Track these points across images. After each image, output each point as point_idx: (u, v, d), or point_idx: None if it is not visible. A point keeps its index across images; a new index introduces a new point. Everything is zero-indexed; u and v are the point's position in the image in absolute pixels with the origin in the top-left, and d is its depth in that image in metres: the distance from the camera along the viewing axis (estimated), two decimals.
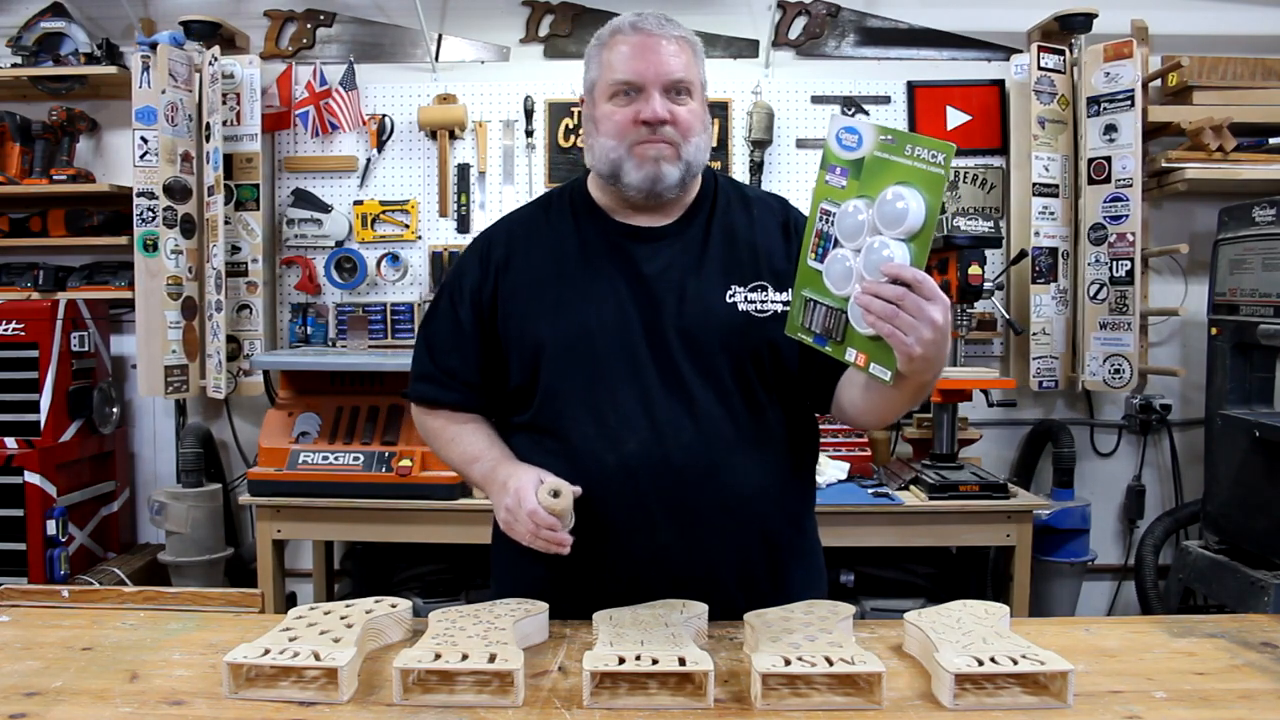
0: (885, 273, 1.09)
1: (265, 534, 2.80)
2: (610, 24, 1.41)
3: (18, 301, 3.22)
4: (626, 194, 1.39)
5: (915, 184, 1.08)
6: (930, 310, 1.08)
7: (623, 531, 1.35)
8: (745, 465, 1.37)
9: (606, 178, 1.40)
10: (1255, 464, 2.61)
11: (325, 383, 2.95)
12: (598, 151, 1.40)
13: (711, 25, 3.38)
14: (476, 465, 1.43)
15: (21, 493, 3.03)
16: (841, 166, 1.16)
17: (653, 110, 1.34)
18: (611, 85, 1.37)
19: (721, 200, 1.46)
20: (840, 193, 1.16)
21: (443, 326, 1.49)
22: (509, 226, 1.50)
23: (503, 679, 1.06)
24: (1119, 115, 3.08)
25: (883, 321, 1.09)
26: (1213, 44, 3.25)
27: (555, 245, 1.44)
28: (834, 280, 1.17)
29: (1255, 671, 1.14)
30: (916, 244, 1.09)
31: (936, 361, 1.13)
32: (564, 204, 1.48)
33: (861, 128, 1.14)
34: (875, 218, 1.11)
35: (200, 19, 3.21)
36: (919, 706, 1.04)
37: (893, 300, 1.09)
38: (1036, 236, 3.18)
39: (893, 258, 1.09)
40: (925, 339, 1.08)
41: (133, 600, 1.44)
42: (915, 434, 3.14)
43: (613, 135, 1.37)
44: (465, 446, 1.46)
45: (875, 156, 1.12)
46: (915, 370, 1.12)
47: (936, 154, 1.06)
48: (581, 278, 1.40)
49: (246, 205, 3.28)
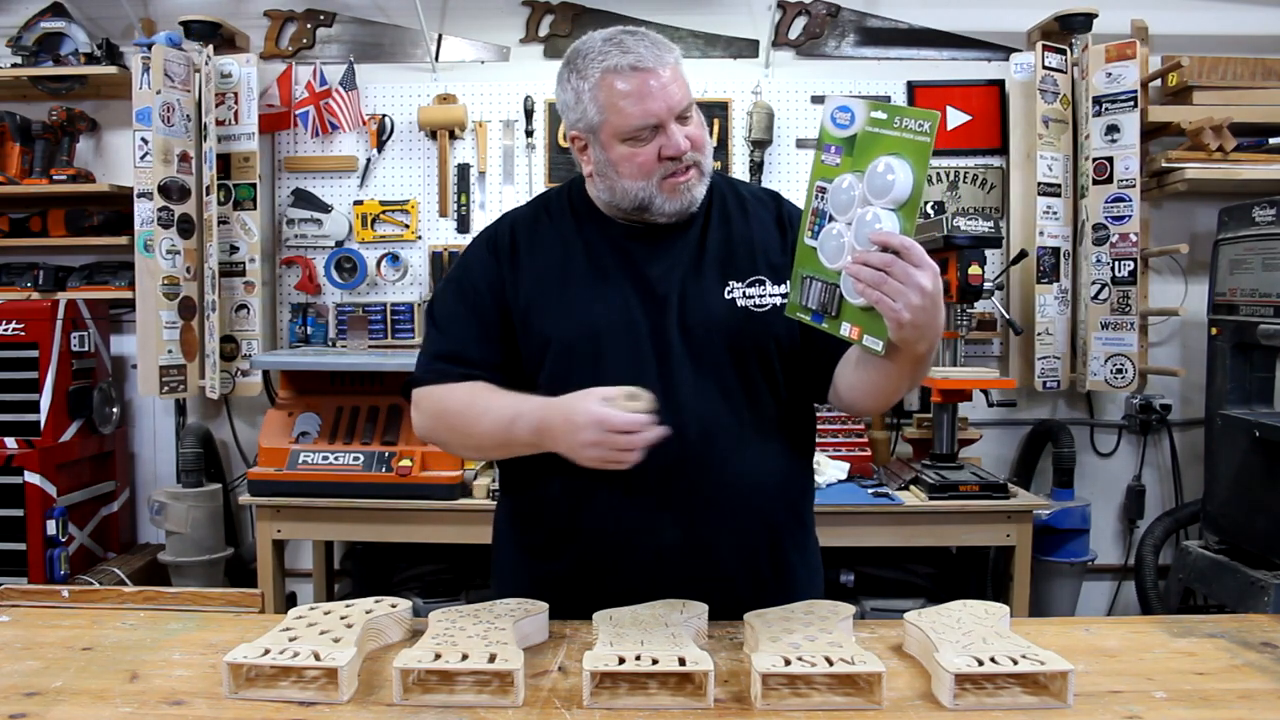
0: (874, 240, 1.12)
1: (265, 534, 2.80)
2: (595, 58, 1.33)
3: (18, 301, 3.22)
4: (656, 220, 1.39)
5: (903, 154, 1.11)
6: (918, 276, 1.10)
7: (629, 527, 1.36)
8: (749, 458, 1.38)
9: (629, 210, 1.39)
10: (1255, 464, 2.61)
11: (325, 383, 2.95)
12: (619, 192, 1.37)
13: (711, 25, 3.38)
14: (520, 419, 1.29)
15: (21, 493, 3.03)
16: (836, 145, 1.18)
17: (676, 146, 1.32)
18: (629, 131, 1.32)
19: (718, 200, 1.46)
20: (834, 170, 1.18)
21: (456, 318, 1.44)
22: (512, 223, 1.48)
23: (503, 679, 1.06)
24: (1121, 116, 3.08)
25: (871, 289, 1.12)
26: (1213, 44, 3.25)
27: (559, 245, 1.43)
28: (828, 255, 1.20)
29: (1255, 671, 1.14)
30: (904, 212, 1.12)
31: (928, 330, 1.14)
32: (564, 205, 1.48)
33: (854, 105, 1.17)
34: (865, 189, 1.14)
35: (200, 19, 3.21)
36: (919, 706, 1.04)
37: (881, 267, 1.11)
38: (1041, 236, 3.18)
39: (881, 226, 1.12)
40: (914, 304, 1.10)
41: (133, 600, 1.44)
42: (915, 434, 3.14)
43: (638, 176, 1.34)
44: (499, 411, 1.32)
45: (866, 132, 1.15)
46: (906, 339, 1.14)
47: (923, 123, 1.09)
48: (588, 279, 1.40)
49: (244, 205, 3.28)
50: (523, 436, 1.29)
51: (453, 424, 1.39)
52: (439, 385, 1.40)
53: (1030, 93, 3.18)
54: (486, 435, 1.35)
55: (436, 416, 1.41)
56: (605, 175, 1.38)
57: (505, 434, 1.31)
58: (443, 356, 1.42)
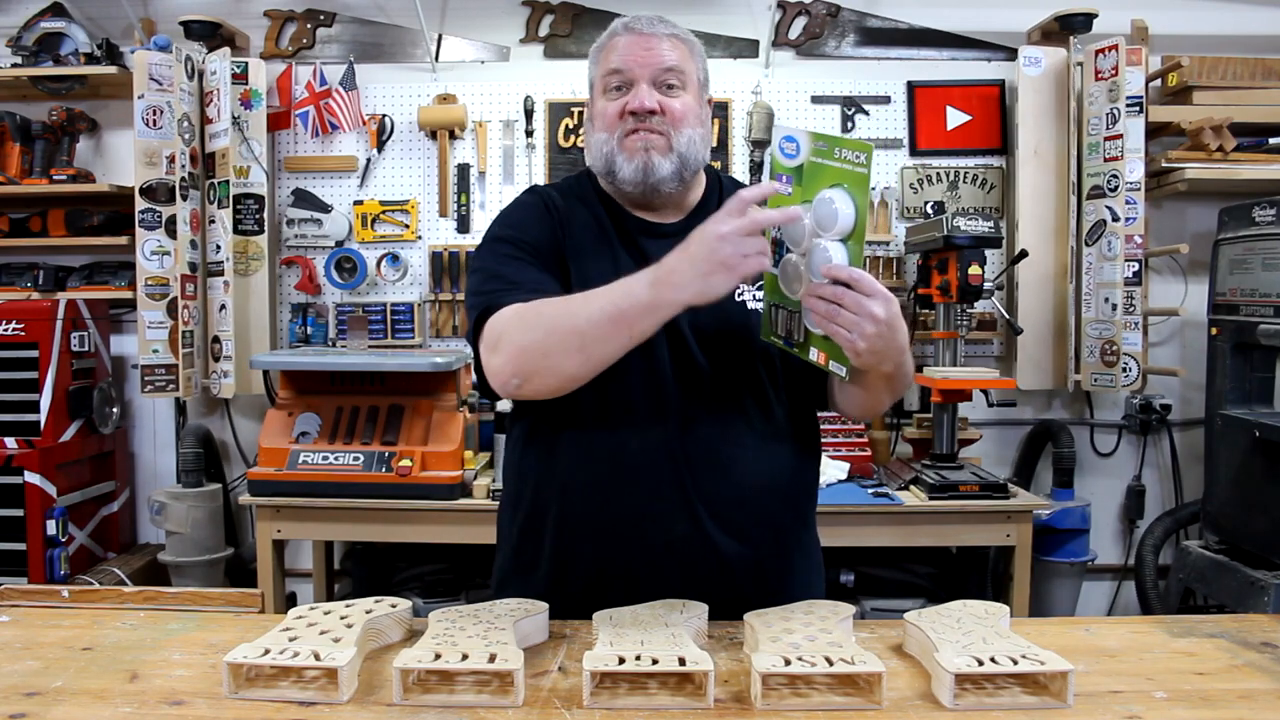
0: (824, 274, 1.13)
1: (265, 534, 2.80)
2: (609, 28, 1.43)
3: (18, 301, 3.22)
4: (624, 190, 1.40)
5: (845, 185, 1.12)
6: (870, 305, 1.11)
7: (637, 527, 1.36)
8: (758, 461, 1.38)
9: (604, 174, 1.41)
10: (1255, 464, 2.61)
11: (325, 383, 2.95)
12: (593, 147, 1.42)
13: (711, 25, 3.38)
14: (632, 281, 1.17)
15: (21, 493, 3.03)
16: (786, 175, 1.20)
17: (639, 100, 1.35)
18: (604, 78, 1.40)
19: (725, 199, 1.45)
20: (787, 200, 1.20)
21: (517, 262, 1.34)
22: (552, 190, 1.48)
23: (503, 679, 1.06)
24: (1127, 120, 3.07)
25: (826, 321, 1.14)
26: (1213, 44, 3.25)
27: (582, 222, 1.43)
28: (788, 284, 1.22)
29: (1255, 671, 1.14)
30: (852, 242, 1.13)
31: (888, 353, 1.16)
32: (574, 192, 1.48)
33: (799, 135, 1.19)
34: (813, 221, 1.16)
35: (200, 19, 3.21)
36: (919, 706, 1.04)
37: (833, 300, 1.13)
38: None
39: (831, 259, 1.13)
40: (868, 333, 1.12)
41: (133, 600, 1.44)
42: (915, 434, 3.14)
43: (604, 128, 1.39)
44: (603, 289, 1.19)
45: (811, 162, 1.17)
46: (867, 364, 1.17)
47: (859, 154, 1.11)
48: (603, 262, 1.39)
49: (224, 204, 3.27)
50: (640, 294, 1.15)
51: (554, 318, 1.21)
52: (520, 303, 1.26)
53: (1042, 87, 3.16)
54: (597, 312, 1.17)
55: (529, 322, 1.23)
56: (588, 130, 1.44)
57: (618, 302, 1.16)
58: (515, 285, 1.29)
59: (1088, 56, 3.11)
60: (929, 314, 3.17)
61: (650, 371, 1.34)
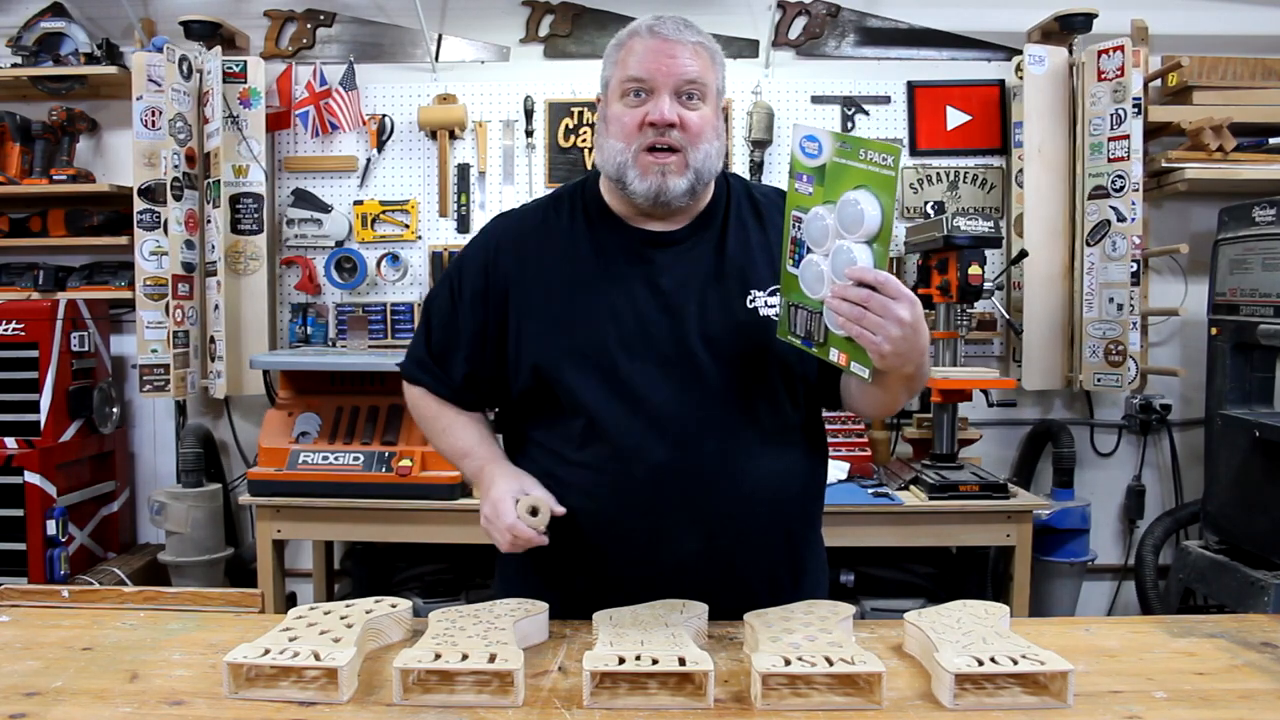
0: (849, 276, 1.13)
1: (265, 534, 2.80)
2: (630, 25, 1.38)
3: (18, 301, 3.22)
4: (633, 200, 1.37)
5: (870, 187, 1.12)
6: (896, 309, 1.11)
7: (649, 540, 1.34)
8: (771, 468, 1.37)
9: (614, 181, 1.38)
10: (1255, 464, 2.61)
11: (325, 383, 2.95)
12: (606, 152, 1.37)
13: (711, 25, 3.29)
14: (467, 460, 1.48)
15: (21, 493, 3.03)
16: (807, 174, 1.20)
17: (660, 112, 1.31)
18: (623, 83, 1.34)
19: (734, 204, 1.43)
20: (808, 199, 1.19)
21: (442, 319, 1.48)
22: (518, 228, 1.46)
23: (503, 679, 1.06)
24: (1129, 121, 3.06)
25: (851, 323, 1.14)
26: (1213, 44, 3.25)
27: (568, 249, 1.40)
28: (809, 285, 1.21)
29: (1255, 671, 1.14)
30: (878, 245, 1.13)
31: (911, 355, 1.16)
32: (576, 205, 1.45)
33: (821, 135, 1.18)
34: (837, 223, 1.15)
35: (200, 19, 3.21)
36: (919, 706, 1.04)
37: (858, 302, 1.13)
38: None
39: (856, 260, 1.13)
40: (893, 336, 1.12)
41: (133, 600, 1.44)
42: (915, 434, 3.14)
43: (620, 137, 1.34)
44: (455, 440, 1.50)
45: (834, 162, 1.16)
46: (890, 366, 1.16)
47: (886, 156, 1.10)
48: (599, 286, 1.37)
49: (218, 203, 3.25)
50: (466, 474, 1.51)
51: (427, 425, 1.55)
52: (416, 386, 1.54)
53: (1045, 86, 3.15)
54: (444, 452, 1.54)
55: (419, 412, 1.56)
56: (600, 132, 1.40)
57: (455, 463, 1.51)
58: (420, 364, 1.52)
59: (1090, 56, 3.11)
60: (929, 314, 3.17)
61: (658, 386, 1.33)
